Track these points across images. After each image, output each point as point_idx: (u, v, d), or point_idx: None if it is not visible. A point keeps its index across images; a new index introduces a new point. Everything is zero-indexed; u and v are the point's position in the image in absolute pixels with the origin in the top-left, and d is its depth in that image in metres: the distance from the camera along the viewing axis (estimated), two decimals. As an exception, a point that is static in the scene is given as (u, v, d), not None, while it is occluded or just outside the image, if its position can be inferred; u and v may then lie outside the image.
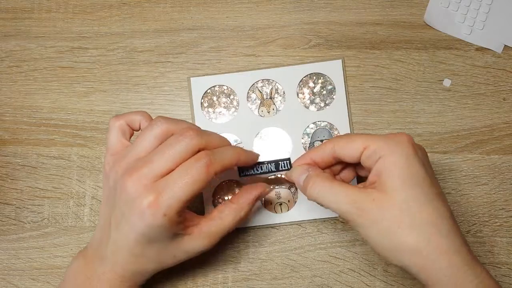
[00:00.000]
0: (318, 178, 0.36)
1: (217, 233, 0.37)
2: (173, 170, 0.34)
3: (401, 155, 0.34)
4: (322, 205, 0.37)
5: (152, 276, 0.39)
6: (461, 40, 0.48)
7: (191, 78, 0.47)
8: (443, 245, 0.33)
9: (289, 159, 0.41)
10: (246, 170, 0.41)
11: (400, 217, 0.33)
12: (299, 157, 0.40)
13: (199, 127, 0.37)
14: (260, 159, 0.41)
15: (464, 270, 0.32)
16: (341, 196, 0.35)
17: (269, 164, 0.41)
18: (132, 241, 0.35)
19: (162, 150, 0.35)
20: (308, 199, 0.37)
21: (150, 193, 0.33)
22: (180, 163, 0.34)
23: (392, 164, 0.34)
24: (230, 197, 0.46)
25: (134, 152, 0.36)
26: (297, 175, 0.38)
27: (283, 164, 0.41)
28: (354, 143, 0.36)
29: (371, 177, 0.35)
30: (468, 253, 0.33)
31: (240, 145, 0.46)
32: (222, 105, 0.47)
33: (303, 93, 0.47)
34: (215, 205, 0.45)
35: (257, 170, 0.41)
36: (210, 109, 0.47)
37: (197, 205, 0.46)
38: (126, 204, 0.34)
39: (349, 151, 0.36)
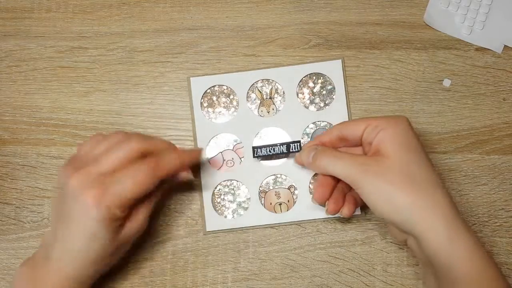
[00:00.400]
0: (326, 151, 0.40)
1: (143, 213, 0.39)
2: (117, 170, 0.36)
3: (401, 128, 0.38)
4: (328, 173, 0.40)
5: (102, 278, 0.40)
6: (461, 40, 0.48)
7: (191, 78, 0.47)
8: (439, 199, 0.36)
9: (299, 141, 0.44)
10: (259, 151, 0.44)
11: (400, 175, 0.36)
12: (308, 142, 0.44)
13: (142, 134, 0.40)
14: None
15: (457, 222, 0.35)
16: (348, 162, 0.38)
17: (281, 146, 0.44)
18: (77, 235, 0.36)
19: (107, 152, 0.37)
20: (317, 171, 0.41)
21: (95, 187, 0.35)
22: (125, 164, 0.37)
23: (392, 134, 0.38)
24: (229, 196, 0.46)
25: (83, 156, 0.39)
26: (306, 154, 0.41)
27: (294, 146, 0.44)
28: (358, 123, 0.40)
29: (372, 148, 0.38)
30: (459, 212, 0.36)
31: (240, 145, 0.46)
32: (222, 105, 0.47)
33: (303, 93, 0.47)
34: (214, 206, 0.46)
35: (270, 152, 0.44)
36: (210, 109, 0.47)
37: (197, 205, 0.46)
38: (72, 199, 0.36)
39: (353, 130, 0.40)
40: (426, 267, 0.37)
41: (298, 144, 0.44)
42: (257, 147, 0.44)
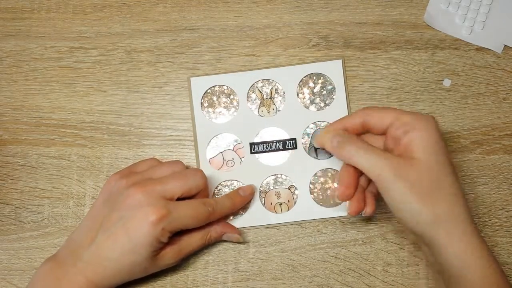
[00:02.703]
0: (354, 140, 0.39)
1: (185, 251, 0.41)
2: (179, 197, 0.39)
3: (432, 132, 0.37)
4: (353, 164, 0.38)
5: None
6: (461, 40, 0.48)
7: (191, 78, 0.47)
8: (460, 213, 0.36)
9: (295, 139, 0.46)
10: (256, 148, 0.46)
11: (426, 179, 0.36)
12: (332, 123, 0.42)
13: (200, 170, 0.42)
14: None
15: (474, 235, 0.35)
16: (378, 158, 0.37)
17: (277, 143, 0.46)
18: (117, 245, 0.37)
19: (176, 177, 0.40)
20: (339, 157, 0.40)
21: (162, 207, 0.37)
22: (187, 194, 0.40)
23: (424, 137, 0.37)
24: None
25: (141, 173, 0.41)
26: (330, 137, 0.39)
27: (289, 143, 0.45)
28: (386, 113, 0.38)
29: (402, 147, 0.37)
30: (474, 223, 0.36)
31: (240, 145, 0.46)
32: (222, 105, 0.47)
33: (303, 93, 0.47)
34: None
35: (267, 148, 0.46)
36: (210, 109, 0.47)
37: (197, 205, 0.46)
38: (130, 209, 0.37)
39: (380, 120, 0.38)
40: (438, 274, 0.38)
41: (294, 141, 0.46)
42: (254, 143, 0.46)
